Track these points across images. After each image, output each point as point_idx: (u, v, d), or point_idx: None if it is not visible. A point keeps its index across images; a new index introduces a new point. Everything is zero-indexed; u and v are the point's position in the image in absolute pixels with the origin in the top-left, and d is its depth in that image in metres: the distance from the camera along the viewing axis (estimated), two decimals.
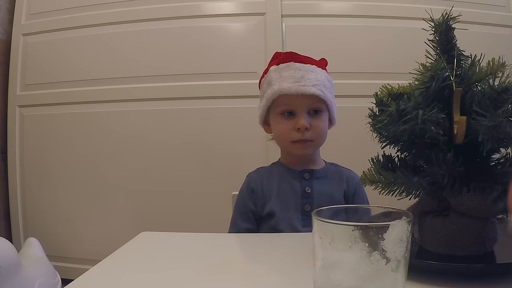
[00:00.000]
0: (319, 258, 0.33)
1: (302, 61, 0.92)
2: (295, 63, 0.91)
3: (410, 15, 1.73)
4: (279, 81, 0.89)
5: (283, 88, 0.88)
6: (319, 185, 0.93)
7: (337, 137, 1.73)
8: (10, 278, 1.22)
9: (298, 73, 0.89)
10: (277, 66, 0.92)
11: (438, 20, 0.58)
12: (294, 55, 0.94)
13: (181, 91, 1.77)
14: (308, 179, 0.93)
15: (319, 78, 0.91)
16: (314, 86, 0.88)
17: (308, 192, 0.91)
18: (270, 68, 0.93)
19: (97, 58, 1.83)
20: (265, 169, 1.01)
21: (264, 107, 0.93)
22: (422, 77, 0.55)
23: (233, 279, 0.55)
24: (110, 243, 0.84)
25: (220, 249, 0.69)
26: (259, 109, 0.96)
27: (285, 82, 0.88)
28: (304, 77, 0.89)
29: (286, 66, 0.91)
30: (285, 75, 0.90)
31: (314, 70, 0.91)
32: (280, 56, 0.96)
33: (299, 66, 0.91)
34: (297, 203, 0.91)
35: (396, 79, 0.71)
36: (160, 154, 1.77)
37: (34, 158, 1.88)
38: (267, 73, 0.94)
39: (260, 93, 0.97)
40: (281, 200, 0.92)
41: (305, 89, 0.87)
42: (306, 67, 0.91)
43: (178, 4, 1.80)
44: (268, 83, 0.92)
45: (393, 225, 0.31)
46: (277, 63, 0.93)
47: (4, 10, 1.91)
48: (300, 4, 1.78)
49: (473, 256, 0.53)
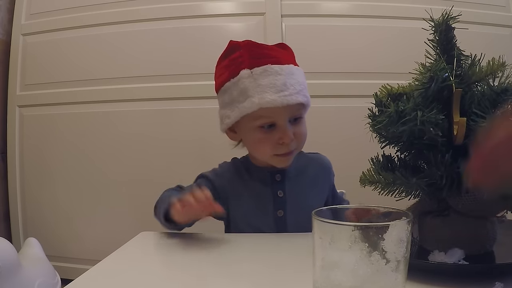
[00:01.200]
0: (319, 258, 0.34)
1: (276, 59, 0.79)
2: (272, 65, 0.78)
3: (410, 15, 1.72)
4: (258, 91, 0.76)
5: (265, 101, 0.75)
6: (292, 187, 0.86)
7: (337, 137, 1.74)
8: (10, 278, 1.22)
9: (279, 79, 0.77)
10: (250, 71, 0.78)
11: (438, 20, 0.58)
12: (260, 50, 0.81)
13: (181, 91, 1.77)
14: (279, 181, 0.85)
15: (301, 81, 0.81)
16: (299, 93, 0.78)
17: (281, 197, 0.84)
18: (242, 73, 0.79)
19: (97, 58, 1.83)
20: (225, 169, 0.90)
21: (235, 118, 0.80)
22: (421, 78, 0.55)
23: (233, 279, 0.55)
24: (110, 243, 0.84)
25: (220, 249, 0.69)
26: (225, 117, 0.83)
27: (267, 93, 0.76)
28: (286, 84, 0.77)
29: (263, 71, 0.77)
30: (264, 84, 0.76)
31: (293, 71, 0.81)
32: (242, 51, 0.81)
33: (278, 69, 0.78)
34: (269, 209, 0.84)
35: (395, 79, 0.71)
36: (160, 154, 1.77)
37: (34, 158, 1.88)
38: (238, 78, 0.79)
39: (225, 98, 0.82)
40: (249, 206, 0.84)
41: (290, 99, 0.76)
42: (285, 69, 0.79)
43: (178, 4, 1.80)
44: (242, 92, 0.78)
45: (393, 225, 0.31)
46: (249, 65, 0.79)
47: (4, 10, 1.91)
48: (300, 4, 1.78)
49: (473, 256, 0.53)
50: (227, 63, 0.83)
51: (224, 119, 0.83)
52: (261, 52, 0.81)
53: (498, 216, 0.57)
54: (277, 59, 0.80)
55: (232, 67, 0.81)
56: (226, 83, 0.81)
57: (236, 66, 0.80)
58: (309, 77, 1.86)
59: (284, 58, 0.82)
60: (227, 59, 0.84)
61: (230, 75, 0.81)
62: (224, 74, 0.83)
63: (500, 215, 0.57)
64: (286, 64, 0.80)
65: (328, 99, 1.71)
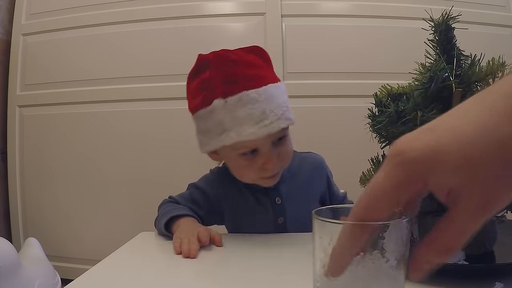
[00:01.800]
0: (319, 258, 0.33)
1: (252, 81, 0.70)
2: (247, 92, 0.69)
3: (410, 15, 1.73)
4: (234, 125, 0.70)
5: (244, 135, 0.69)
6: (288, 191, 0.84)
7: (337, 137, 1.74)
8: (10, 278, 1.22)
9: (257, 107, 0.69)
10: (224, 101, 0.70)
11: (438, 20, 0.58)
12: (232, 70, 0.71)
13: (181, 91, 1.76)
14: (274, 188, 0.82)
15: (281, 102, 0.73)
16: (280, 118, 0.71)
17: (279, 203, 0.82)
18: (215, 103, 0.71)
19: (97, 58, 1.83)
20: (217, 176, 0.86)
21: (214, 146, 0.75)
22: (421, 78, 0.55)
23: (232, 279, 0.55)
24: (110, 243, 0.84)
25: (220, 249, 0.69)
26: (203, 144, 0.77)
27: (245, 126, 0.69)
28: (265, 111, 0.69)
29: (238, 100, 0.69)
30: (240, 116, 0.69)
31: (273, 93, 0.72)
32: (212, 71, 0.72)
33: (255, 96, 0.69)
34: (269, 218, 0.82)
35: (395, 79, 0.71)
36: (160, 154, 1.77)
37: (34, 158, 1.88)
38: (211, 109, 0.71)
39: (201, 126, 0.76)
40: (249, 216, 0.82)
41: (272, 128, 0.70)
42: (263, 93, 0.70)
43: (178, 4, 1.80)
44: (218, 124, 0.71)
45: (393, 224, 0.31)
46: (222, 93, 0.70)
47: (4, 10, 1.91)
48: (300, 4, 1.78)
49: (473, 256, 0.53)
50: (198, 85, 0.76)
51: (203, 145, 0.78)
52: (233, 72, 0.71)
53: (498, 216, 0.57)
54: (252, 81, 0.71)
55: (204, 93, 0.73)
56: (200, 110, 0.74)
57: (209, 92, 0.72)
58: (309, 77, 1.87)
59: (260, 75, 0.73)
60: (198, 79, 0.76)
61: (203, 103, 0.73)
62: (197, 98, 0.75)
63: (500, 215, 0.57)
64: (263, 86, 0.71)
65: (328, 99, 1.71)
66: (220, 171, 0.88)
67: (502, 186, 0.26)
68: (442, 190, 0.28)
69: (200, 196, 0.84)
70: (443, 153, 0.26)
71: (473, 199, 0.26)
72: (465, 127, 0.27)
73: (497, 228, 0.56)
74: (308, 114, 1.67)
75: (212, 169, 0.90)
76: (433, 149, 0.27)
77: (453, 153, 0.26)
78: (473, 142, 0.26)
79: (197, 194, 0.84)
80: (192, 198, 0.84)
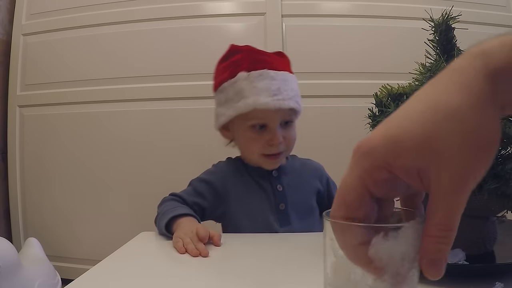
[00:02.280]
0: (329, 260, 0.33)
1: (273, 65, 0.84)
2: (268, 70, 0.83)
3: (410, 15, 1.72)
4: (253, 93, 0.82)
5: (259, 103, 0.81)
6: (289, 181, 0.90)
7: (337, 137, 1.74)
8: (10, 278, 1.22)
9: (274, 84, 0.82)
10: (247, 74, 0.83)
11: (438, 20, 0.58)
12: (258, 56, 0.86)
13: (181, 91, 1.77)
14: (276, 177, 0.90)
15: (294, 88, 0.86)
16: (291, 99, 0.83)
17: (280, 190, 0.88)
18: (239, 75, 0.84)
19: (97, 58, 1.83)
20: (221, 168, 0.93)
21: (229, 116, 0.85)
22: (421, 78, 0.55)
23: (232, 279, 0.55)
24: (110, 243, 0.84)
25: (220, 249, 0.69)
26: (220, 115, 0.88)
27: (261, 96, 0.81)
28: (280, 89, 0.82)
29: (259, 74, 0.83)
30: (260, 87, 0.82)
31: (288, 78, 0.86)
32: (242, 55, 0.86)
33: (273, 75, 0.83)
34: (271, 203, 0.88)
35: (395, 79, 0.71)
36: (160, 154, 1.77)
37: (34, 158, 1.88)
38: (235, 80, 0.84)
39: (222, 98, 0.87)
40: (252, 201, 0.87)
41: (283, 104, 0.81)
42: (280, 75, 0.84)
43: (178, 4, 1.80)
44: (238, 93, 0.83)
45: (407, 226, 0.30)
46: (247, 68, 0.84)
47: (4, 10, 1.91)
48: (300, 4, 1.78)
49: (473, 256, 0.53)
50: (227, 64, 0.88)
51: (219, 117, 0.88)
52: (259, 58, 0.86)
53: (498, 216, 0.57)
54: (273, 65, 0.85)
55: (231, 69, 0.86)
56: (224, 83, 0.86)
57: (235, 68, 0.85)
58: (309, 77, 1.87)
59: (280, 65, 0.86)
60: (227, 61, 0.88)
61: (228, 76, 0.86)
62: (223, 74, 0.87)
63: (500, 215, 0.57)
64: (281, 71, 0.85)
65: (328, 99, 1.71)
66: (224, 163, 0.95)
67: (469, 157, 0.26)
68: (411, 173, 0.28)
69: (204, 187, 0.88)
70: (401, 135, 0.27)
71: (444, 176, 0.26)
72: (418, 108, 0.27)
73: (497, 228, 0.56)
74: (309, 114, 1.67)
75: (215, 163, 0.95)
76: (390, 134, 0.27)
77: (410, 133, 0.27)
78: (428, 120, 0.26)
79: (201, 186, 0.88)
80: (196, 191, 0.88)
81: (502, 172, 0.49)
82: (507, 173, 0.49)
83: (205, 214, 0.88)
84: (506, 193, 0.49)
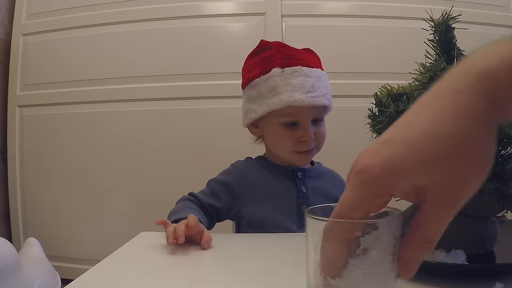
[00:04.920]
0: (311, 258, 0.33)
1: (305, 62, 0.84)
2: (302, 67, 0.83)
3: (410, 15, 1.73)
4: (288, 90, 0.81)
5: (294, 99, 0.81)
6: (313, 184, 0.89)
7: (337, 137, 1.74)
8: (10, 278, 1.22)
9: (308, 81, 0.82)
10: (281, 70, 0.83)
11: (438, 20, 0.58)
12: (290, 52, 0.86)
13: (181, 91, 1.77)
14: (301, 178, 0.89)
15: (327, 85, 0.86)
16: (325, 96, 0.84)
17: (304, 192, 0.88)
18: (273, 71, 0.83)
19: (97, 58, 1.83)
20: (239, 167, 0.92)
21: (261, 113, 0.85)
22: (421, 78, 0.55)
23: (232, 279, 0.55)
24: (110, 243, 0.84)
25: (219, 249, 0.69)
26: (250, 112, 0.87)
27: (296, 93, 0.81)
28: (314, 86, 0.82)
29: (293, 71, 0.82)
30: (295, 84, 0.81)
31: (321, 75, 0.86)
32: (273, 51, 0.86)
33: (307, 72, 0.83)
34: (292, 204, 0.87)
35: (395, 79, 0.71)
36: (160, 153, 1.77)
37: (34, 158, 1.88)
38: (269, 76, 0.84)
39: (253, 93, 0.87)
40: (272, 201, 0.86)
41: (317, 101, 0.82)
42: (314, 72, 0.84)
43: (178, 4, 1.80)
44: (272, 89, 0.83)
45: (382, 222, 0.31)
46: (281, 64, 0.83)
47: (4, 10, 1.92)
48: (300, 4, 1.78)
49: (473, 256, 0.53)
50: (258, 60, 0.87)
51: (249, 113, 0.87)
52: (291, 54, 0.85)
53: (498, 216, 0.57)
54: (306, 62, 0.85)
55: (263, 65, 0.86)
56: (256, 79, 0.86)
57: (268, 64, 0.85)
58: None
59: (312, 62, 0.86)
60: (258, 57, 0.88)
61: (261, 72, 0.85)
62: (254, 70, 0.87)
63: (500, 215, 0.57)
64: (314, 68, 0.85)
65: None
66: (242, 162, 0.94)
67: (462, 176, 0.28)
68: (409, 194, 0.30)
69: (220, 188, 0.88)
70: (401, 164, 0.28)
71: (440, 194, 0.29)
72: (417, 135, 0.29)
73: (497, 228, 0.56)
74: None
75: (233, 163, 0.95)
76: (391, 162, 0.29)
77: (410, 161, 0.28)
78: (426, 148, 0.28)
79: (217, 187, 0.88)
80: (212, 192, 0.88)
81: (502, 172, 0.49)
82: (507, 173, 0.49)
83: (220, 215, 0.88)
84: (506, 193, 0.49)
